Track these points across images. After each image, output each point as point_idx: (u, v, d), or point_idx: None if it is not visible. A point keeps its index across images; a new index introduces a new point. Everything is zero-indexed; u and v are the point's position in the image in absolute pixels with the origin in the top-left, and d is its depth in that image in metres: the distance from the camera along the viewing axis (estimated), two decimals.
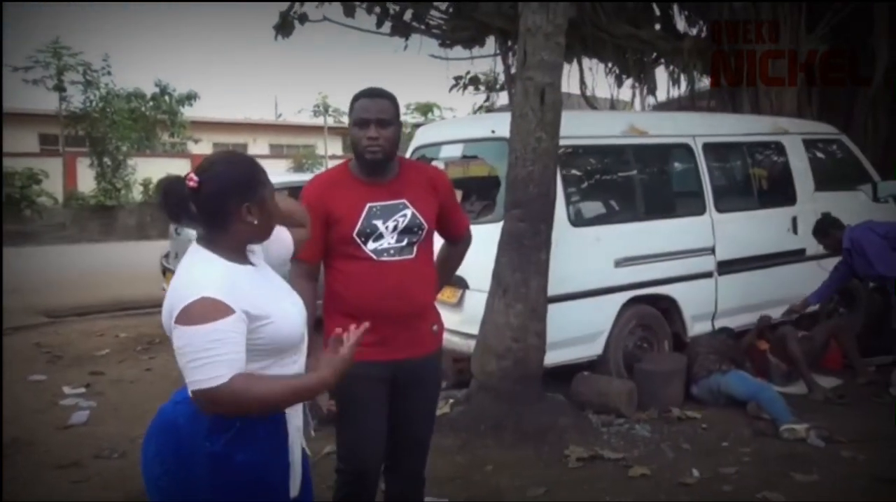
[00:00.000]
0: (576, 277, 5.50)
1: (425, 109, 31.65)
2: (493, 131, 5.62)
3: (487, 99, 14.62)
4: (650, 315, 5.94)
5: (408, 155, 6.59)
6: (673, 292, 5.99)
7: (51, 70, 21.70)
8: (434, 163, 6.48)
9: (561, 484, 4.33)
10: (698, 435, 5.07)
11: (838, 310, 7.25)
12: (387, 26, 8.76)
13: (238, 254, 2.10)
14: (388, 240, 2.90)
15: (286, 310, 2.12)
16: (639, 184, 6.07)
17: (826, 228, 6.14)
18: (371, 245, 2.87)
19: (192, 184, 2.01)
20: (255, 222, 2.08)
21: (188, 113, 27.06)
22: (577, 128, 5.88)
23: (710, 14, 8.65)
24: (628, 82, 10.35)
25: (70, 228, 20.43)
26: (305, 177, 6.59)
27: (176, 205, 2.04)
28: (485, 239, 5.14)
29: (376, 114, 2.85)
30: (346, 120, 25.65)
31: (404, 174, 3.00)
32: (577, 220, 5.53)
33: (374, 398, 2.91)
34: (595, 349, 5.66)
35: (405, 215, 2.91)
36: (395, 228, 2.89)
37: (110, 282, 11.58)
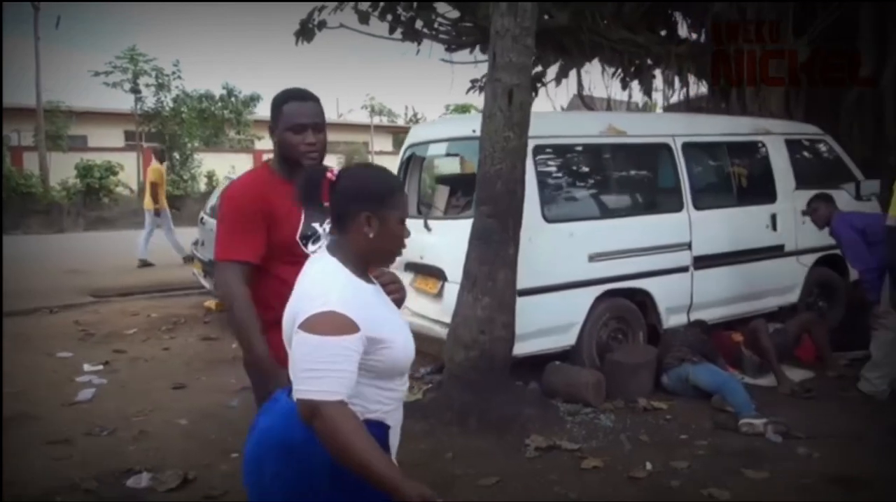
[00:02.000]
0: (549, 271, 5.14)
1: (463, 110, 31.17)
2: (473, 130, 5.25)
3: None
4: (625, 307, 5.55)
5: (401, 152, 6.27)
6: (648, 286, 5.59)
7: (128, 74, 21.90)
8: (424, 159, 6.17)
9: (514, 474, 3.98)
10: (660, 427, 4.67)
11: (818, 303, 6.74)
12: (400, 33, 8.43)
13: (360, 270, 1.90)
14: (324, 244, 2.56)
15: (405, 335, 1.92)
16: (615, 181, 5.68)
17: (814, 202, 5.67)
18: (311, 248, 2.47)
19: (330, 175, 1.88)
20: (371, 236, 1.86)
21: (256, 112, 27.15)
22: (556, 127, 5.53)
23: (699, 15, 8.11)
24: (632, 84, 9.82)
25: (142, 215, 20.48)
26: None
27: (308, 187, 1.91)
28: (465, 233, 4.84)
29: (312, 118, 2.48)
30: (397, 121, 25.51)
31: None
32: (551, 216, 5.16)
33: None
34: (568, 340, 5.29)
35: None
36: (329, 231, 2.57)
37: (162, 265, 11.47)
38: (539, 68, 10.20)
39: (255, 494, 1.86)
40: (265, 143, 28.06)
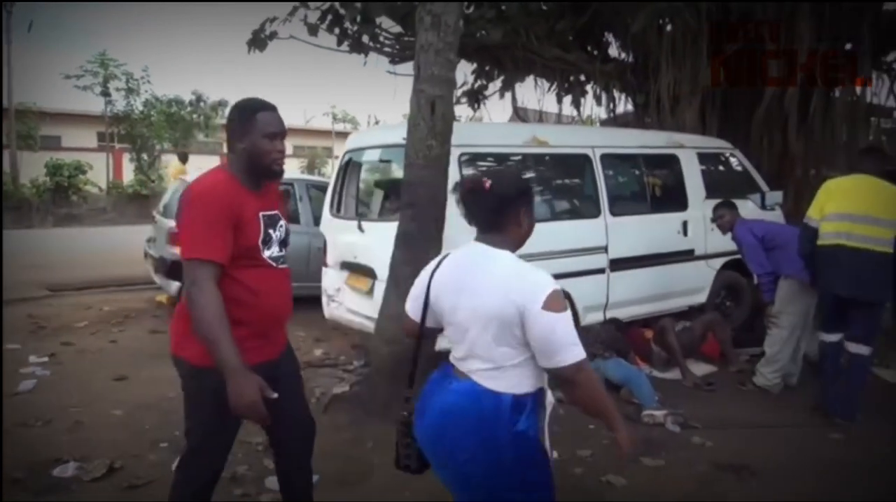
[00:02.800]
0: None
1: None
2: (403, 138, 5.19)
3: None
4: None
5: (340, 158, 6.19)
6: (567, 286, 5.53)
7: (99, 78, 21.43)
8: (360, 164, 6.10)
9: None
10: (571, 418, 4.65)
11: (725, 303, 6.84)
12: (347, 45, 8.32)
13: None
14: (275, 249, 2.50)
15: None
16: (538, 189, 5.65)
17: (719, 209, 5.74)
18: (266, 252, 2.45)
19: (486, 184, 2.02)
20: (522, 228, 2.09)
21: (221, 117, 26.85)
22: (482, 137, 5.50)
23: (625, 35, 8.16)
24: (565, 99, 9.85)
25: (110, 213, 20.05)
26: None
27: (464, 196, 2.09)
28: (393, 235, 4.77)
29: (282, 127, 2.46)
30: (360, 128, 25.43)
31: (268, 186, 2.56)
32: None
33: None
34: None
35: (282, 226, 2.55)
36: (278, 238, 2.52)
37: (123, 260, 11.15)
38: (482, 82, 10.22)
39: (443, 465, 2.01)
40: None
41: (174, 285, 6.92)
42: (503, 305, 1.88)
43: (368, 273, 5.34)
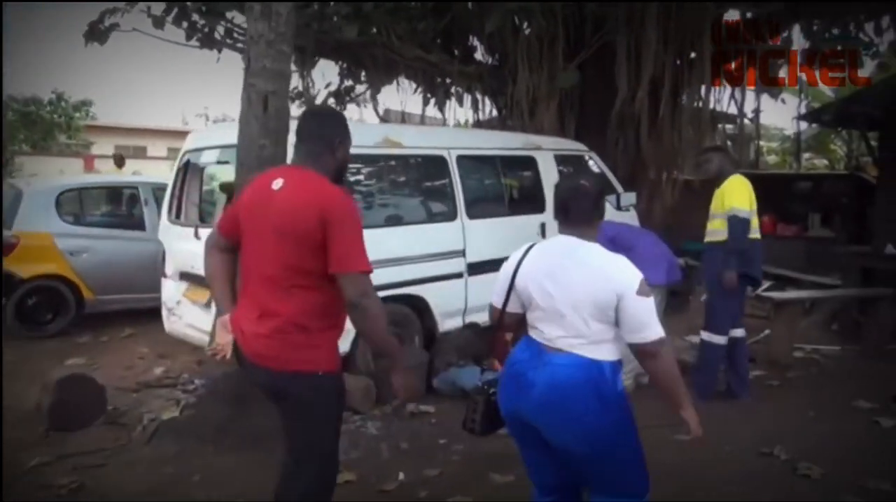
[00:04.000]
0: None
1: None
2: None
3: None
4: (399, 313, 5.16)
5: (177, 159, 5.57)
6: (423, 292, 5.25)
7: None
8: (199, 166, 5.50)
9: (263, 493, 3.45)
10: (423, 432, 4.32)
11: None
12: (197, 40, 7.62)
13: None
14: None
15: None
16: (391, 191, 5.30)
17: None
18: None
19: (585, 185, 2.34)
20: (601, 223, 2.39)
21: (85, 117, 24.77)
22: None
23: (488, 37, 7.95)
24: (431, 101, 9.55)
25: None
26: None
27: (567, 194, 2.36)
28: None
29: None
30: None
31: None
32: None
33: None
34: (342, 346, 4.79)
35: None
36: None
37: None
38: (349, 83, 9.76)
39: (562, 428, 2.21)
40: (100, 148, 25.63)
41: None
42: (603, 289, 2.16)
43: (206, 284, 4.76)
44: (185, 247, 5.12)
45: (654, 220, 7.63)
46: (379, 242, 4.86)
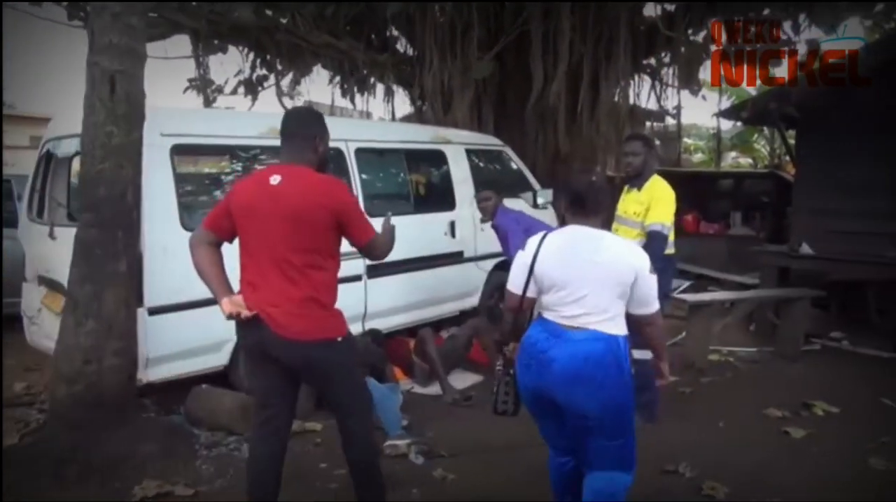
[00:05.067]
0: (192, 285, 4.08)
1: None
2: None
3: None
4: None
5: (39, 149, 4.94)
6: None
7: None
8: (60, 157, 4.88)
9: None
10: (304, 455, 3.86)
11: (499, 306, 6.39)
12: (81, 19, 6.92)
13: None
14: None
15: None
16: None
17: (486, 192, 5.40)
18: None
19: (594, 178, 2.64)
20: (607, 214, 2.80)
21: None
22: (203, 127, 4.56)
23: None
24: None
25: None
26: None
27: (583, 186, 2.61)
28: None
29: None
30: None
31: None
32: (193, 225, 4.14)
33: None
34: (219, 360, 4.34)
35: None
36: None
37: None
38: (262, 72, 9.14)
39: (586, 398, 2.42)
40: (18, 139, 23.86)
41: None
42: (626, 270, 2.43)
43: (63, 291, 4.19)
44: (41, 247, 4.52)
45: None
46: None
